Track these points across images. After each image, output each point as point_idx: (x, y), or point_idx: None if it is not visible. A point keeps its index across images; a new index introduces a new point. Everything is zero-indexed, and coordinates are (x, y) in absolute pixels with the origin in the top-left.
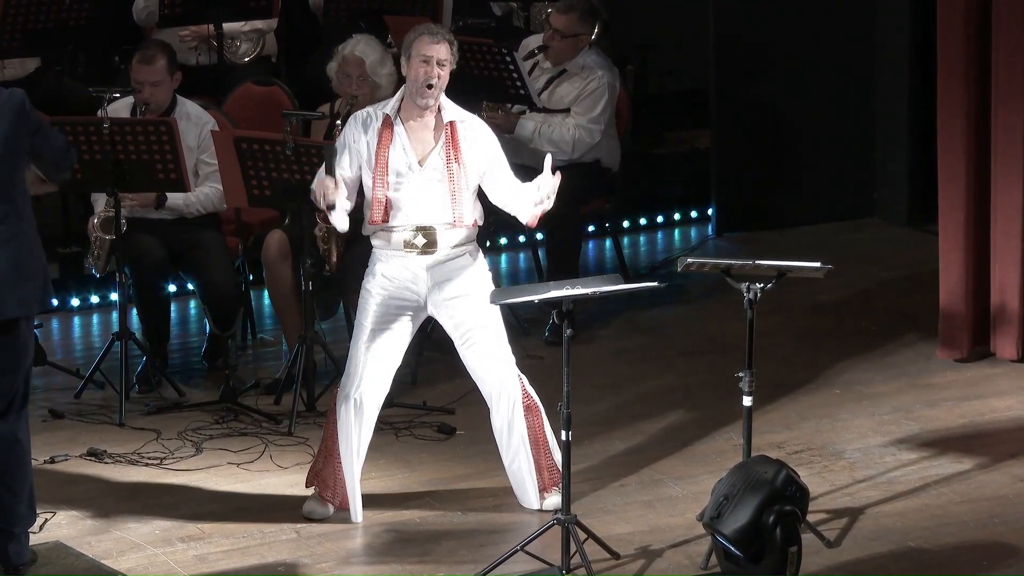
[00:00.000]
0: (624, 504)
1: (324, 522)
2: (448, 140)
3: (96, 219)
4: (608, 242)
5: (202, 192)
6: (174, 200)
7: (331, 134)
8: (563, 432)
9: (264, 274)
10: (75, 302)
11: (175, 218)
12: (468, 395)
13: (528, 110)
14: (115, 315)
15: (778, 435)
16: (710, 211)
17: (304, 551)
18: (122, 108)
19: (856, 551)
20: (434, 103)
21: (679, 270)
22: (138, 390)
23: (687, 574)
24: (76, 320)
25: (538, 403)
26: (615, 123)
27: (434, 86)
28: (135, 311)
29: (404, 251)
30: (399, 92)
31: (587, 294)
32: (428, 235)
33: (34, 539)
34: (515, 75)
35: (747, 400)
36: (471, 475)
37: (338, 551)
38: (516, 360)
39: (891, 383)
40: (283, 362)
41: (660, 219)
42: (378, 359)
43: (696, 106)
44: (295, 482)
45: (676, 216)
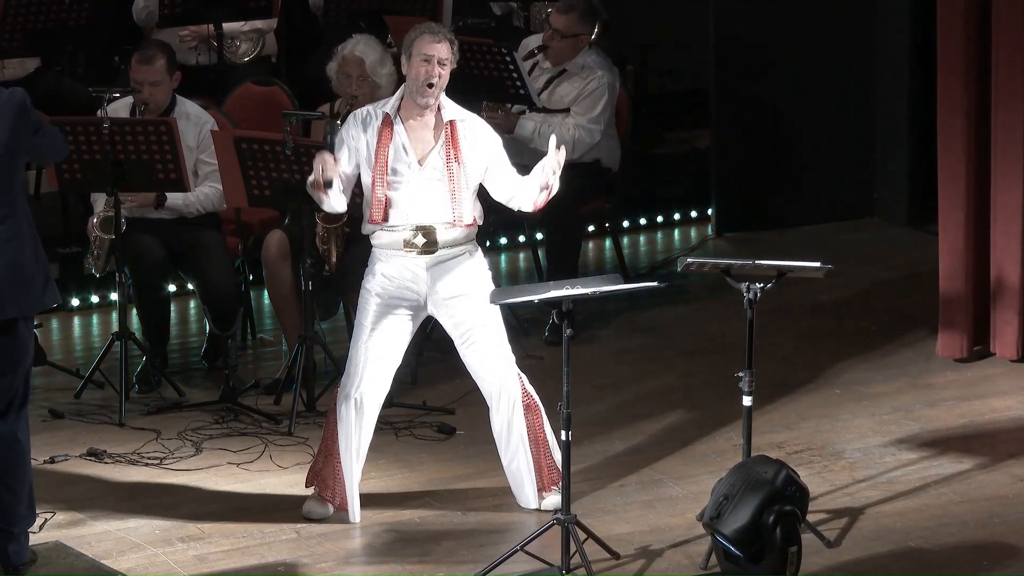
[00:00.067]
0: (624, 504)
1: (324, 522)
2: (448, 139)
3: (96, 219)
4: (608, 242)
5: (202, 192)
6: (173, 200)
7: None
8: (563, 432)
9: (264, 274)
10: (75, 302)
11: (175, 218)
12: (468, 395)
13: (528, 110)
14: (115, 315)
15: (778, 435)
16: (710, 211)
17: (304, 551)
18: (121, 108)
19: (856, 551)
20: (434, 102)
21: (679, 270)
22: (138, 390)
23: (687, 574)
24: (76, 320)
25: (538, 402)
26: (615, 123)
27: (435, 85)
28: (135, 311)
29: (404, 251)
30: (399, 91)
31: (587, 294)
32: (428, 234)
33: (34, 539)
34: (515, 75)
35: (747, 400)
36: (471, 475)
37: (338, 551)
38: (516, 360)
39: (891, 383)
40: (283, 362)
41: (660, 219)
42: (378, 359)
43: (696, 106)
44: (295, 482)
45: (676, 216)
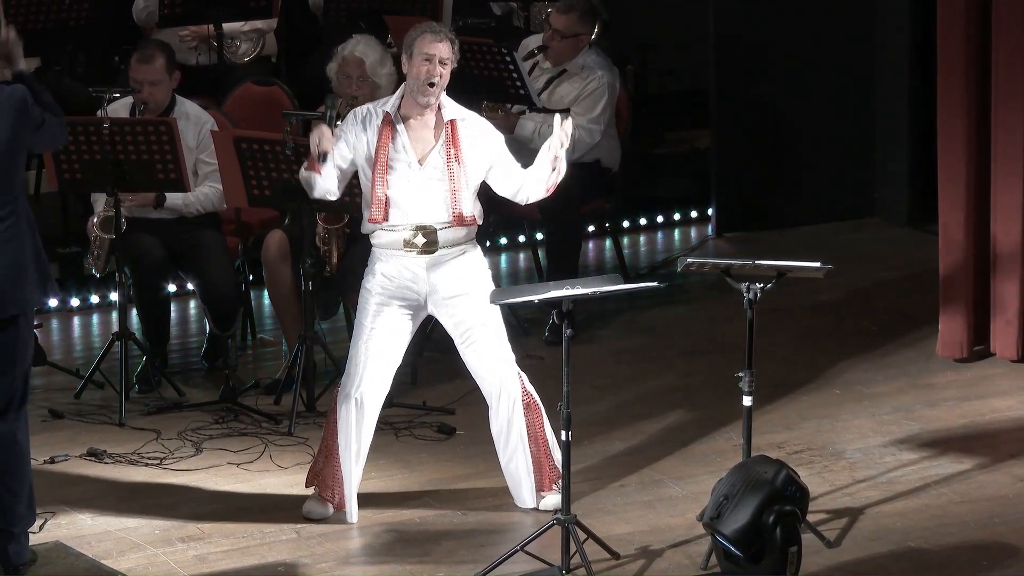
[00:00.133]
0: (624, 504)
1: (324, 522)
2: (448, 139)
3: (96, 219)
4: (608, 242)
5: (202, 192)
6: (173, 200)
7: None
8: (563, 432)
9: (264, 274)
10: (75, 302)
11: (175, 218)
12: (468, 395)
13: (528, 110)
14: (115, 315)
15: (778, 435)
16: (710, 211)
17: (304, 551)
18: (121, 108)
19: (856, 551)
20: (435, 101)
21: (679, 270)
22: (138, 390)
23: (687, 574)
24: (76, 320)
25: (538, 401)
26: (615, 123)
27: (436, 84)
28: (135, 311)
29: (404, 250)
30: (399, 90)
31: (587, 294)
32: (428, 234)
33: (34, 539)
34: (515, 75)
35: (747, 400)
36: (471, 475)
37: (338, 551)
38: (516, 359)
39: (891, 383)
40: (283, 362)
41: (660, 219)
42: (378, 358)
43: (696, 106)
44: (295, 482)
45: (676, 216)
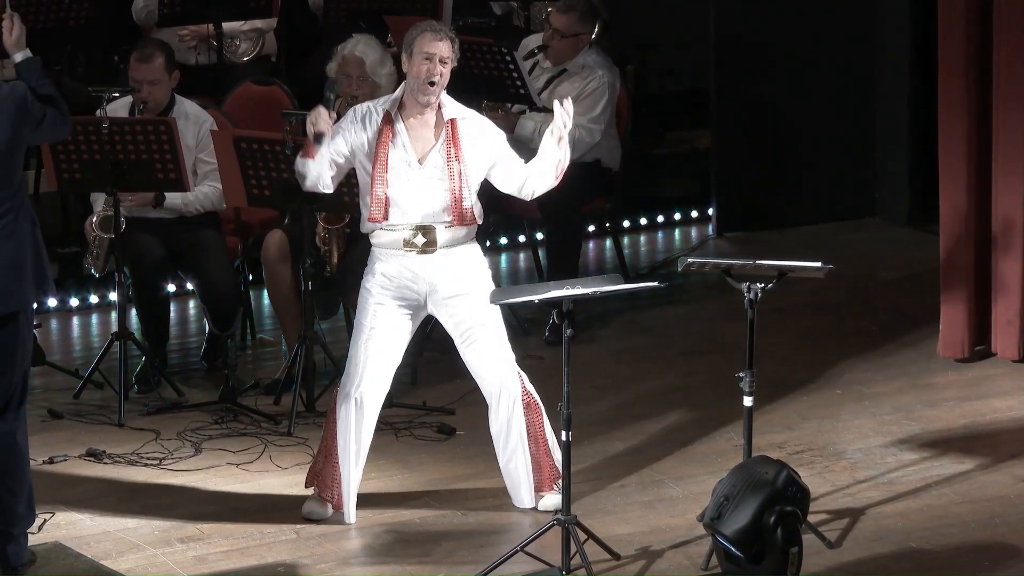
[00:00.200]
0: (624, 505)
1: (324, 523)
2: (449, 138)
3: (95, 218)
4: (608, 242)
5: (201, 191)
6: (172, 199)
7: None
8: (563, 432)
9: (264, 274)
10: (74, 302)
11: (174, 217)
12: (468, 395)
13: (528, 110)
14: (114, 315)
15: (779, 435)
16: (710, 211)
17: (304, 552)
18: (120, 108)
19: (857, 552)
20: (435, 100)
21: (679, 270)
22: (137, 390)
23: (688, 574)
24: (75, 320)
25: (538, 401)
26: (615, 123)
27: (436, 83)
28: (134, 311)
29: (404, 250)
30: (399, 88)
31: (587, 294)
32: (428, 234)
33: (33, 540)
34: (515, 75)
35: (747, 400)
36: (471, 475)
37: (338, 552)
38: (516, 359)
39: (892, 383)
40: (283, 362)
41: (660, 219)
42: (378, 358)
43: (696, 106)
44: (295, 482)
45: (676, 216)
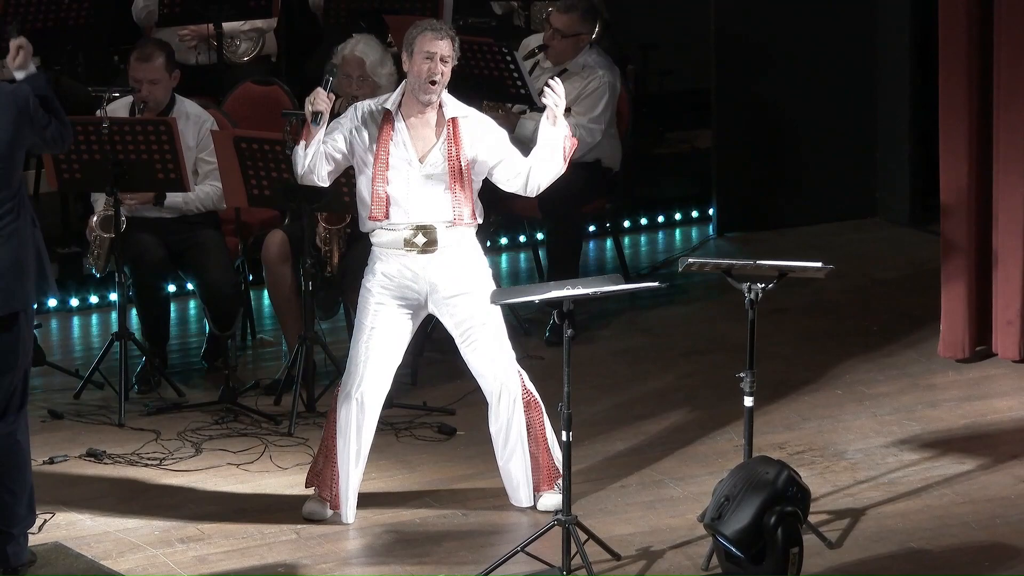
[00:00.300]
0: (625, 505)
1: (324, 523)
2: (449, 137)
3: (95, 218)
4: (608, 242)
5: (202, 191)
6: (173, 198)
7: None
8: (564, 432)
9: (264, 275)
10: (74, 302)
11: (175, 217)
12: (468, 395)
13: (529, 110)
14: (114, 315)
15: (779, 436)
16: (711, 211)
17: (304, 552)
18: (120, 107)
19: (858, 552)
20: (436, 99)
21: (680, 270)
22: (137, 390)
23: (688, 575)
24: (75, 320)
25: (538, 399)
26: (616, 123)
27: (437, 82)
28: (134, 311)
29: (404, 250)
30: (400, 87)
31: (588, 294)
32: (428, 233)
33: (33, 540)
34: (516, 74)
35: (748, 400)
36: (471, 475)
37: (338, 552)
38: (516, 358)
39: (892, 383)
40: (283, 362)
41: (661, 219)
42: (378, 358)
43: (696, 106)
44: (295, 483)
45: (677, 216)
